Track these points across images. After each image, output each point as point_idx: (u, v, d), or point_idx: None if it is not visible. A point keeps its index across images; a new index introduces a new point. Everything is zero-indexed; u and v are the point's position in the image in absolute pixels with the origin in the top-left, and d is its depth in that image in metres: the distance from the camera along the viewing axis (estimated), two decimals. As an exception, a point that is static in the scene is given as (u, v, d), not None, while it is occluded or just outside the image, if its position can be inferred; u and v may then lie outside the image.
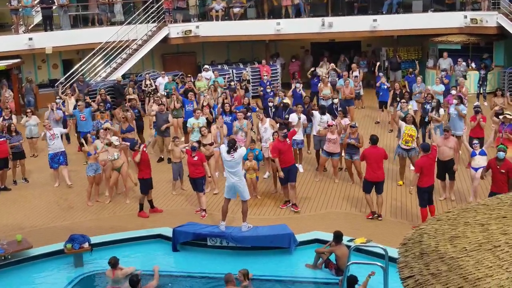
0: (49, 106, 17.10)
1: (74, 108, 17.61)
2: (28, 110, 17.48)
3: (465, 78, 21.48)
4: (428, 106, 15.84)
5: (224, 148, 11.66)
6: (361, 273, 9.40)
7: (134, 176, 13.73)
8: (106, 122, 15.67)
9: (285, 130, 12.95)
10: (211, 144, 14.14)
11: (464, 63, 22.24)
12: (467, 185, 13.94)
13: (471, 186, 12.85)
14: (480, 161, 12.53)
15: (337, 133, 14.12)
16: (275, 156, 12.60)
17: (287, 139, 12.82)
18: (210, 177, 13.80)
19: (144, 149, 12.99)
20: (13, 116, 17.33)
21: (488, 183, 11.90)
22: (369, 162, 12.25)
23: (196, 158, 12.76)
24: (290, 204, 13.07)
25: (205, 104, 17.16)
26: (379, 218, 12.40)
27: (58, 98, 18.68)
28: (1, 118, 16.90)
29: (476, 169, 12.55)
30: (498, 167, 11.13)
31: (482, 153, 12.61)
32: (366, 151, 12.50)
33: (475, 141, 12.98)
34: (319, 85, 19.77)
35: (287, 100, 16.41)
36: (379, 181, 12.29)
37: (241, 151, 11.73)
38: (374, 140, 12.43)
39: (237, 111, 15.41)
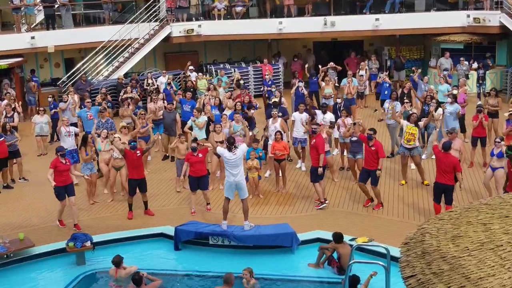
0: (64, 98, 17.53)
1: (80, 107, 17.74)
2: (41, 108, 17.57)
3: (468, 78, 21.47)
4: (427, 108, 15.76)
5: (223, 149, 11.65)
6: (363, 272, 9.41)
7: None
8: (109, 122, 15.66)
9: (315, 126, 13.35)
10: (222, 142, 14.14)
11: (466, 62, 22.22)
12: (469, 184, 13.94)
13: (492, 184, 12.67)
14: (496, 162, 12.40)
15: (326, 133, 14.21)
16: (322, 152, 12.85)
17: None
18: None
19: (138, 153, 12.96)
20: (15, 115, 17.32)
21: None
22: (364, 152, 12.85)
23: (200, 155, 12.82)
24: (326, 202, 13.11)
25: (206, 102, 17.20)
26: (381, 208, 12.82)
27: (60, 97, 18.75)
28: (3, 116, 16.91)
29: (493, 169, 12.43)
30: (510, 165, 11.21)
31: (500, 155, 12.34)
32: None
33: (497, 139, 12.70)
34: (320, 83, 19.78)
35: (275, 99, 16.42)
36: (373, 169, 12.60)
37: (243, 147, 11.79)
38: (369, 135, 12.80)
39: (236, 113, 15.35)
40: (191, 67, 22.52)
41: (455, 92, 16.96)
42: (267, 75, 21.67)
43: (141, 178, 12.90)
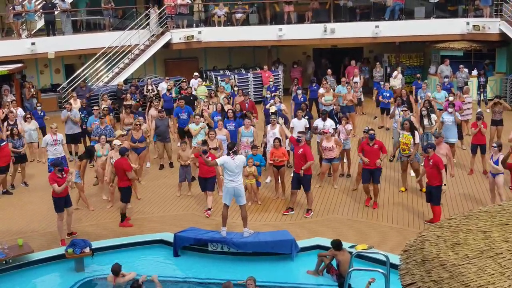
0: (67, 108, 17.34)
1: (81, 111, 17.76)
2: (28, 115, 17.48)
3: (466, 85, 21.49)
4: (424, 113, 15.78)
5: (223, 158, 11.64)
6: (363, 279, 9.40)
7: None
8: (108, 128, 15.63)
9: (300, 135, 13.39)
10: (215, 149, 14.15)
11: (466, 70, 22.23)
12: (468, 191, 13.93)
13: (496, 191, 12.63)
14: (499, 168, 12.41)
15: (335, 141, 14.24)
16: (311, 159, 13.01)
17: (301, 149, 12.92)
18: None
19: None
20: (19, 121, 17.25)
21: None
22: (366, 152, 13.05)
23: (209, 159, 12.83)
24: (292, 211, 13.14)
25: (204, 108, 17.23)
26: (373, 208, 13.11)
27: (59, 103, 18.73)
28: (6, 123, 16.82)
29: (493, 175, 12.43)
30: None
31: (496, 163, 12.31)
32: (364, 143, 13.27)
33: (494, 145, 12.71)
34: (319, 91, 19.77)
35: (273, 109, 16.39)
36: (375, 168, 12.97)
37: (242, 158, 11.76)
38: (371, 134, 13.20)
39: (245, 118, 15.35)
40: (196, 74, 22.55)
41: (451, 98, 16.97)
42: (271, 81, 21.70)
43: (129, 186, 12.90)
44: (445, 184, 12.19)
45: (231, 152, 11.51)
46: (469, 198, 13.53)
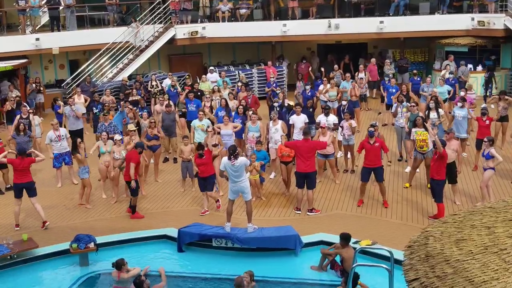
0: (69, 103, 17.38)
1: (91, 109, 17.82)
2: (30, 111, 17.50)
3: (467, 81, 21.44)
4: (432, 105, 15.76)
5: (223, 162, 11.55)
6: (367, 275, 9.40)
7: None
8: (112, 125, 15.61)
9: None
10: (215, 146, 14.11)
11: (469, 66, 22.12)
12: (473, 187, 13.91)
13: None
14: (488, 163, 12.48)
15: (330, 136, 14.24)
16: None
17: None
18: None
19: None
20: (31, 116, 17.24)
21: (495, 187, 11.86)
22: (367, 151, 12.97)
23: (204, 157, 12.82)
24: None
25: (207, 105, 17.24)
26: (385, 207, 13.00)
27: (64, 99, 18.75)
28: (18, 116, 16.80)
29: (485, 169, 12.52)
30: None
31: (487, 157, 12.45)
32: (365, 141, 13.14)
33: (485, 139, 12.78)
34: (321, 87, 19.72)
35: (291, 102, 16.38)
36: (377, 166, 12.83)
37: (243, 159, 11.48)
38: (370, 132, 13.13)
39: (251, 113, 15.33)
40: (211, 68, 22.53)
41: (462, 93, 16.96)
42: (272, 77, 21.67)
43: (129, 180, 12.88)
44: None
45: (232, 156, 11.24)
46: (473, 194, 13.49)
